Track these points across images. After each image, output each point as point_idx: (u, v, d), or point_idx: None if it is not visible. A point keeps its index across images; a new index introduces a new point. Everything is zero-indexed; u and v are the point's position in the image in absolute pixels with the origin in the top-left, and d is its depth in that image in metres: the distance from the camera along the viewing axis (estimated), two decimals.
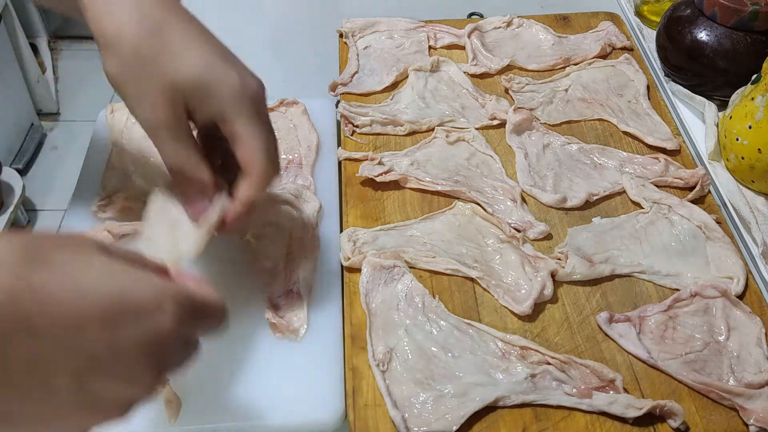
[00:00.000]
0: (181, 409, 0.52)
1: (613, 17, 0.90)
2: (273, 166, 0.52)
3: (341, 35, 0.87)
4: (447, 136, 0.73)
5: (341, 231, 0.65)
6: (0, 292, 0.32)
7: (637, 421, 0.53)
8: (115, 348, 0.34)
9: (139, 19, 0.49)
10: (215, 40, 0.52)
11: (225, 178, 0.54)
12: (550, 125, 0.76)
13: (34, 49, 1.95)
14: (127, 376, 0.36)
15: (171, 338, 0.36)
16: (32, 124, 2.08)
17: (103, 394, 0.35)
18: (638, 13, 0.91)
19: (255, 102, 0.50)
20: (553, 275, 0.61)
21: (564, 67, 0.83)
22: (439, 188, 0.68)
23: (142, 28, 0.49)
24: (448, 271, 0.62)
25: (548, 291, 0.60)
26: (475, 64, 0.83)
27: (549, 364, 0.55)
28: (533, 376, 0.54)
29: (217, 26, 0.94)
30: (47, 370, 0.33)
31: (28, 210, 1.93)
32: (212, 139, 0.54)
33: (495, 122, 0.76)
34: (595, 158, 0.73)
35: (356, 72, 0.82)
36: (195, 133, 0.53)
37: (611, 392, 0.54)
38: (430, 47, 0.86)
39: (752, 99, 0.68)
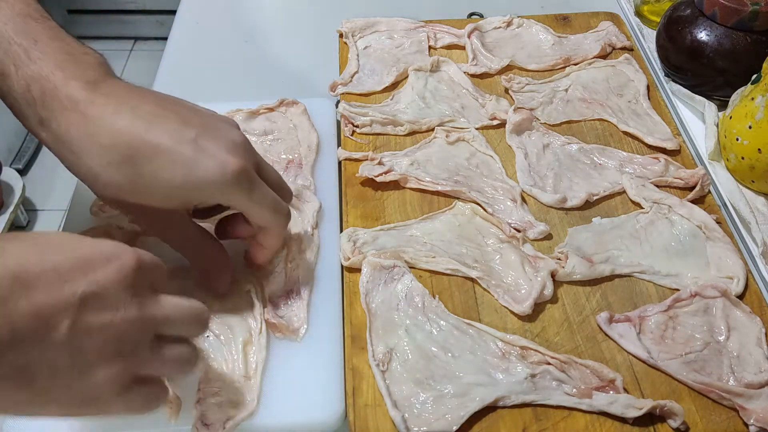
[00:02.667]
0: (181, 409, 0.52)
1: (613, 17, 0.90)
2: (283, 219, 0.57)
3: (341, 35, 0.87)
4: (447, 136, 0.73)
5: (341, 231, 0.65)
6: None
7: (637, 421, 0.53)
8: (98, 284, 0.40)
9: (102, 153, 0.50)
10: (178, 120, 0.52)
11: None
12: (550, 125, 0.76)
13: None
14: (114, 305, 0.41)
15: (137, 270, 0.42)
16: None
17: (99, 336, 0.40)
18: (638, 13, 0.91)
19: (241, 178, 0.52)
20: (553, 275, 0.61)
21: (564, 67, 0.83)
22: (439, 188, 0.69)
23: (111, 165, 0.50)
24: (448, 271, 0.62)
25: (548, 291, 0.60)
26: (475, 64, 0.83)
27: (549, 364, 0.55)
28: (533, 376, 0.54)
29: (216, 27, 0.95)
30: (48, 318, 0.38)
31: (28, 210, 1.93)
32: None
33: (495, 122, 0.76)
34: (595, 158, 0.73)
35: (356, 72, 0.82)
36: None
37: (611, 392, 0.54)
38: (430, 47, 0.86)
39: (752, 99, 0.68)
